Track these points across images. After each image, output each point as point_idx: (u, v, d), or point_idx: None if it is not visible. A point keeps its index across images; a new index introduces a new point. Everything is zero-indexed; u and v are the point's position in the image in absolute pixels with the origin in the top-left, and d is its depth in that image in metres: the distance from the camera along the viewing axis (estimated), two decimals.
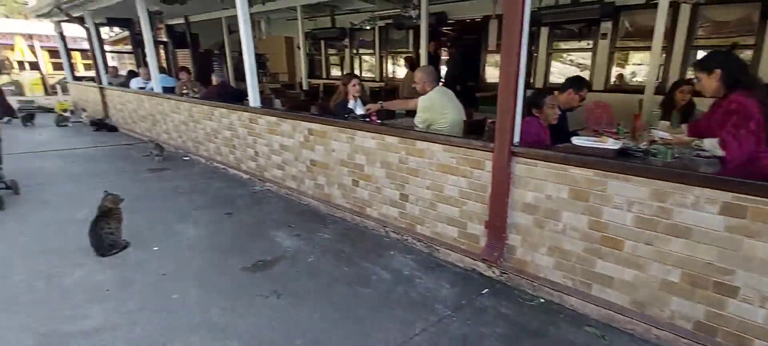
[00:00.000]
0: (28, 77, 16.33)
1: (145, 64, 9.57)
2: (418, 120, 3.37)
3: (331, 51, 12.02)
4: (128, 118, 7.93)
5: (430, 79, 3.37)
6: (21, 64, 16.33)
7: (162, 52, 13.83)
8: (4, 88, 16.95)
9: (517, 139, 2.42)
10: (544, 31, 6.72)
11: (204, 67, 11.48)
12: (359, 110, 3.91)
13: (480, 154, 2.59)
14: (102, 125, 8.71)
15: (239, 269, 2.76)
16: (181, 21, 12.51)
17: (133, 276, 2.64)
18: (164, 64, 13.79)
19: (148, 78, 8.09)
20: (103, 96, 8.80)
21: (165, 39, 12.96)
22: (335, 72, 11.86)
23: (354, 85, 3.98)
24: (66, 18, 9.19)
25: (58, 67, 17.69)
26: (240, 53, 4.69)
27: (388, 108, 3.91)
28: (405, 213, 3.19)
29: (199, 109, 5.60)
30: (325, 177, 3.84)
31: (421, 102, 3.31)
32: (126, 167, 5.43)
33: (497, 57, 6.61)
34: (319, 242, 3.22)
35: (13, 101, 11.79)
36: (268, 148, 4.51)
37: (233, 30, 14.01)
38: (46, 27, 17.11)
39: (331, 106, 4.02)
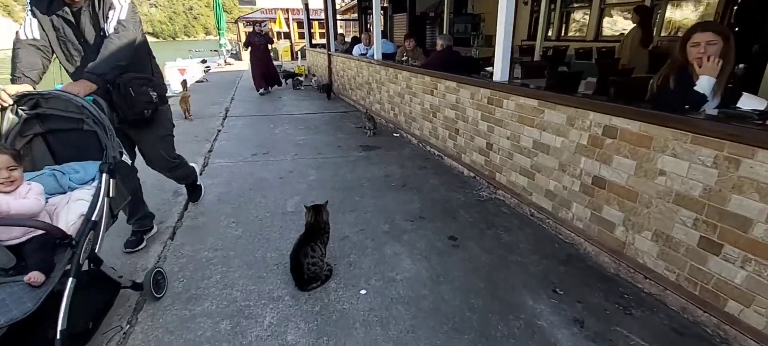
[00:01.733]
0: (281, 46, 19.88)
1: (367, 30, 9.38)
2: None
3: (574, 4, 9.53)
4: (346, 85, 7.94)
5: None
6: (278, 34, 19.99)
7: (381, 17, 14.27)
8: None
9: None
10: None
11: (417, 32, 10.93)
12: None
13: None
14: (326, 90, 9.20)
15: None
16: None
17: (332, 339, 1.74)
18: (381, 29, 14.26)
19: (368, 44, 7.87)
20: (329, 62, 9.21)
21: (385, 4, 13.11)
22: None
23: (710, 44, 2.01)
24: None
25: (301, 36, 21.02)
26: (457, 14, 3.33)
27: None
28: None
29: (419, 80, 4.64)
30: (624, 211, 2.16)
31: None
32: (340, 140, 5.05)
33: None
34: None
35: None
36: (511, 142, 3.09)
37: None
38: (296, 2, 20.29)
39: (654, 87, 2.19)
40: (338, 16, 19.08)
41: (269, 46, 9.61)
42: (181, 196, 3.22)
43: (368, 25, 13.59)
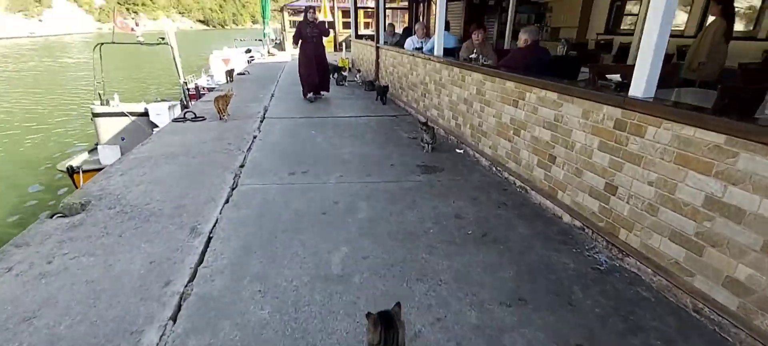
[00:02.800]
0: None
1: (421, 20, 8.37)
2: None
3: None
4: (397, 84, 7.05)
5: None
6: (322, 23, 19.40)
7: (434, 5, 13.18)
8: None
9: None
10: None
11: (473, 23, 9.82)
12: None
13: None
14: (374, 88, 8.39)
15: None
16: None
17: None
18: (433, 20, 13.16)
19: (424, 36, 6.95)
20: (377, 56, 8.37)
21: None
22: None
23: None
24: None
25: (346, 26, 20.31)
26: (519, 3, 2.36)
27: None
28: None
29: (497, 85, 3.68)
30: None
31: None
32: (392, 155, 4.20)
33: None
34: None
35: None
36: (657, 189, 2.11)
37: None
38: None
39: None
40: (387, 4, 18.07)
41: (325, 40, 7.33)
42: (199, 237, 2.52)
43: (419, 15, 12.59)
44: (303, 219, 2.78)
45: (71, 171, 6.59)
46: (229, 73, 10.16)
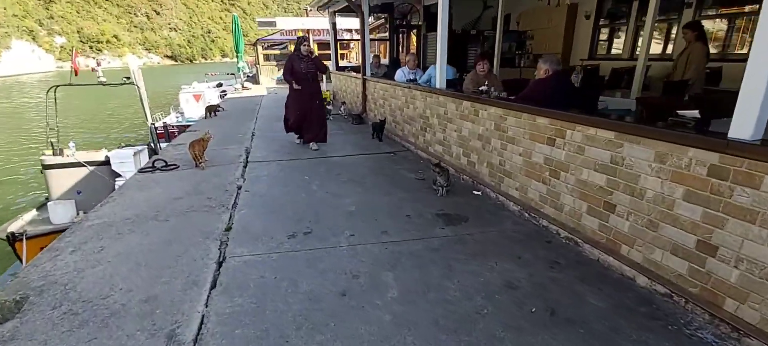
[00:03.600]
0: None
1: (408, 51, 8.05)
2: None
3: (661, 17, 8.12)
4: (390, 117, 6.58)
5: None
6: None
7: (413, 36, 13.05)
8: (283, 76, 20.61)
9: None
10: None
11: (457, 52, 9.63)
12: None
13: None
14: (362, 121, 7.90)
15: None
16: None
17: None
18: (414, 51, 12.99)
19: (415, 67, 6.58)
20: (364, 88, 7.92)
21: (419, 22, 11.90)
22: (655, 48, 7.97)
23: None
24: (343, 5, 8.84)
25: (324, 58, 20.05)
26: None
27: None
28: None
29: (523, 121, 3.23)
30: None
31: None
32: (403, 202, 3.65)
33: None
34: None
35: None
36: None
37: (489, 5, 11.81)
38: (318, 23, 19.40)
39: None
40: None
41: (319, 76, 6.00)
42: None
43: (400, 46, 12.40)
44: (318, 307, 2.14)
45: (12, 239, 5.43)
46: (211, 110, 9.46)
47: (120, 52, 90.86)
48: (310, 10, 15.02)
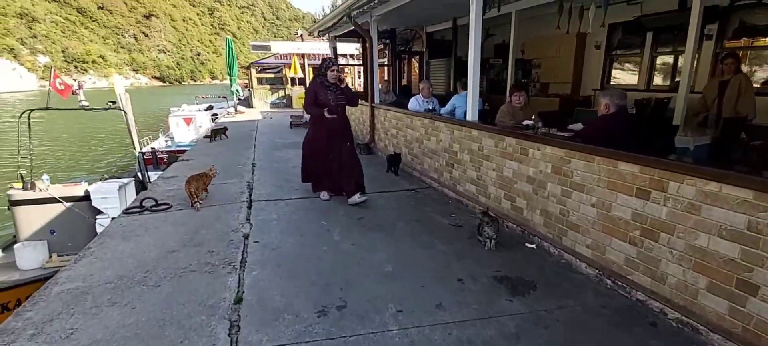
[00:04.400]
0: (296, 92, 18.40)
1: (422, 79, 7.60)
2: None
3: (663, 48, 7.90)
4: (406, 149, 6.03)
5: None
6: (293, 80, 18.55)
7: (415, 62, 12.72)
8: (277, 100, 20.02)
9: None
10: None
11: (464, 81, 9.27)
12: None
13: None
14: (370, 151, 7.34)
15: None
16: (442, 26, 10.83)
17: None
18: (415, 78, 12.63)
19: (429, 96, 6.10)
20: (372, 116, 7.40)
21: (421, 49, 11.59)
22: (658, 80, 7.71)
23: None
24: (346, 30, 8.41)
25: None
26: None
27: None
28: None
29: (598, 166, 2.69)
30: None
31: None
32: (449, 259, 3.04)
33: None
34: None
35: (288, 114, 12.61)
36: None
37: (491, 33, 11.61)
38: (313, 47, 19.08)
39: None
40: (356, 62, 17.47)
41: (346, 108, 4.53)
42: None
43: (402, 73, 12.04)
44: None
45: None
46: (217, 133, 8.88)
47: (106, 72, 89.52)
48: (310, 33, 14.64)
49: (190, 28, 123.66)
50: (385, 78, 10.58)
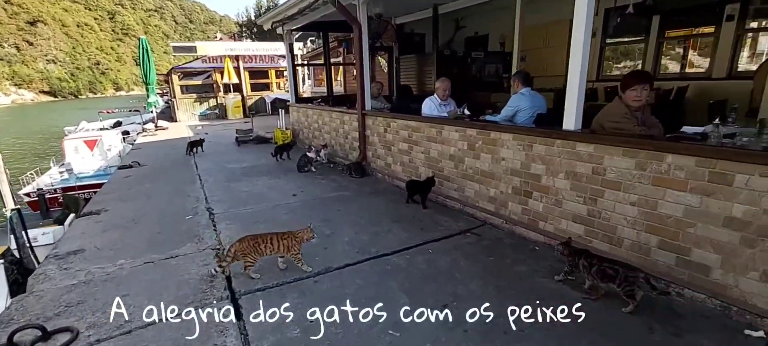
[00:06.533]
0: (230, 101, 15.82)
1: (440, 77, 6.07)
2: None
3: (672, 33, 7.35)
4: (429, 170, 4.46)
5: None
6: (226, 87, 15.91)
7: (382, 60, 11.15)
8: (207, 111, 17.04)
9: None
10: None
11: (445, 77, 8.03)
12: None
13: None
14: (364, 172, 5.65)
15: None
16: (413, 18, 9.49)
17: None
18: (380, 76, 11.07)
19: (446, 98, 4.66)
20: (363, 127, 5.69)
21: (391, 43, 10.08)
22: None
23: None
24: (313, 19, 6.57)
25: (256, 87, 17.10)
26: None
27: None
28: None
29: None
30: None
31: None
32: None
33: None
34: None
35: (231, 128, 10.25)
36: None
37: (462, 25, 10.56)
38: (250, 47, 16.61)
39: None
40: (310, 62, 15.12)
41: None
42: None
43: (374, 72, 10.40)
44: None
45: None
46: (194, 145, 7.24)
47: None
48: (257, 26, 12.40)
49: (87, 35, 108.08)
50: (378, 79, 8.92)
